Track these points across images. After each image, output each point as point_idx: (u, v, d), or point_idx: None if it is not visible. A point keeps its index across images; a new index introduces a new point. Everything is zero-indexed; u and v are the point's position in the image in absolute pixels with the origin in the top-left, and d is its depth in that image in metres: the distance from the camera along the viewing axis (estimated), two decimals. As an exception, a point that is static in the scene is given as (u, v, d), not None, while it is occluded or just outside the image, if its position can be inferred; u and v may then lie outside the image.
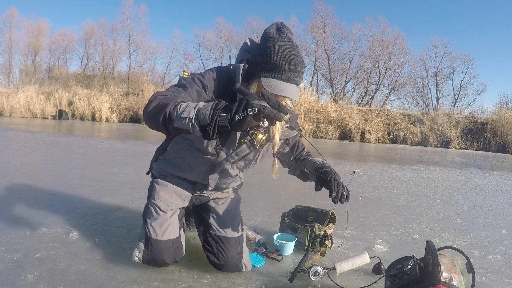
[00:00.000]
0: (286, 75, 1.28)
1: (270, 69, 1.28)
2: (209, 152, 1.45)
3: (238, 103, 1.00)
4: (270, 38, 1.31)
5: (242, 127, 1.00)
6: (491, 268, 1.83)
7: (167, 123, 1.10)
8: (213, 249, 1.52)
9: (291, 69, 1.28)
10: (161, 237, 1.47)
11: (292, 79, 1.29)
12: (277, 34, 1.32)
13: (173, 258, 1.50)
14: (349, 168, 5.34)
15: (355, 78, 24.50)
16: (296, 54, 1.30)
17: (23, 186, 2.89)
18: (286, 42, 1.30)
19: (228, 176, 1.57)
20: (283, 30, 1.34)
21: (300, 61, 1.30)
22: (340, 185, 1.40)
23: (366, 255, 1.66)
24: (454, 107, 23.17)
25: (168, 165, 1.59)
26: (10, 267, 1.47)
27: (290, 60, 1.27)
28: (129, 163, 4.43)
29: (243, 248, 1.57)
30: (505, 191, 4.31)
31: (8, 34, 25.56)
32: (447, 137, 13.12)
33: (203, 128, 1.02)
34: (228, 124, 1.00)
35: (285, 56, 1.27)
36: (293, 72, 1.28)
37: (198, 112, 1.04)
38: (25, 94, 15.87)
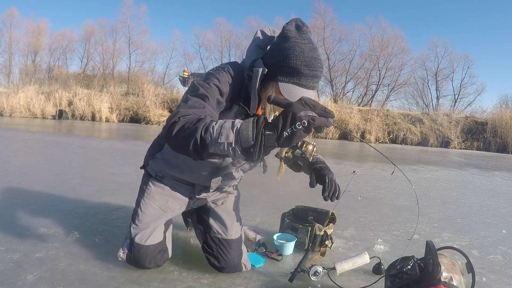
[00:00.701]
0: (305, 81, 1.19)
1: (289, 73, 1.18)
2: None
3: (283, 117, 0.89)
4: (289, 38, 1.20)
5: (292, 143, 0.89)
6: (491, 268, 1.83)
7: (200, 150, 0.97)
8: (214, 252, 1.51)
9: (311, 74, 1.19)
10: (145, 242, 1.44)
11: (311, 85, 1.21)
12: (297, 33, 1.21)
13: (155, 263, 1.48)
14: (349, 168, 5.34)
15: (355, 78, 24.50)
16: (316, 58, 1.20)
17: (23, 186, 2.89)
18: (307, 44, 1.20)
19: (231, 178, 1.53)
20: (303, 29, 1.22)
21: (320, 65, 1.21)
22: (333, 183, 1.40)
23: (366, 255, 1.66)
24: (454, 107, 23.18)
25: (166, 164, 1.50)
26: (10, 267, 1.47)
27: (311, 65, 1.18)
28: (129, 163, 4.43)
29: (242, 248, 1.57)
30: (505, 191, 4.31)
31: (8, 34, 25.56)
32: (447, 137, 13.11)
33: (246, 151, 0.92)
34: (276, 143, 0.90)
35: (306, 60, 1.17)
36: (312, 78, 1.20)
37: (238, 134, 0.92)
38: (25, 94, 15.85)
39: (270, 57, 1.23)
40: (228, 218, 1.58)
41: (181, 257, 1.66)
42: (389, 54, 23.59)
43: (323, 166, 1.48)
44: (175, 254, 1.67)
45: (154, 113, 14.74)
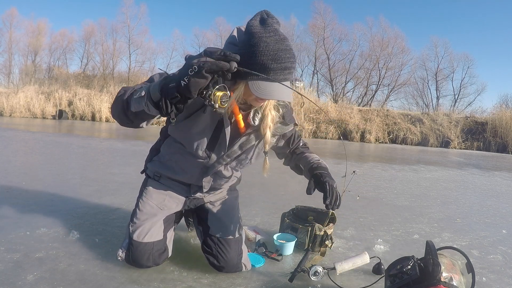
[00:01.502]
0: (275, 75, 1.12)
1: (256, 70, 1.11)
2: (199, 156, 1.41)
3: (179, 70, 0.96)
4: (253, 33, 1.13)
5: (191, 91, 0.92)
6: (491, 268, 1.83)
7: (126, 109, 1.11)
8: (213, 251, 1.51)
9: (280, 67, 1.12)
10: (142, 239, 1.46)
11: (282, 78, 1.14)
12: (261, 28, 1.14)
13: (154, 261, 1.48)
14: (349, 168, 5.34)
15: (355, 78, 24.51)
16: (284, 49, 1.13)
17: (23, 186, 2.89)
18: (272, 36, 1.12)
19: (222, 177, 1.54)
20: (268, 22, 1.15)
21: (289, 56, 1.14)
22: (334, 191, 1.37)
23: (366, 255, 1.66)
24: (454, 107, 23.20)
25: (162, 166, 1.56)
26: (10, 267, 1.47)
27: (277, 58, 1.11)
28: (129, 163, 4.43)
29: (242, 248, 1.57)
30: (505, 191, 4.31)
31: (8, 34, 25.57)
32: (447, 137, 13.12)
33: (157, 105, 0.99)
34: (177, 94, 0.94)
35: (272, 54, 1.11)
36: (282, 71, 1.13)
37: (149, 90, 1.02)
38: (25, 94, 15.85)
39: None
40: (227, 218, 1.58)
41: (181, 257, 1.66)
42: (389, 54, 23.62)
43: (323, 173, 1.46)
44: (175, 254, 1.67)
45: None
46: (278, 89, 1.15)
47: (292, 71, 1.17)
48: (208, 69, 0.91)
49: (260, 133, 1.40)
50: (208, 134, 1.37)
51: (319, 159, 1.56)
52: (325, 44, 24.41)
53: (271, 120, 1.38)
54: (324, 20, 24.49)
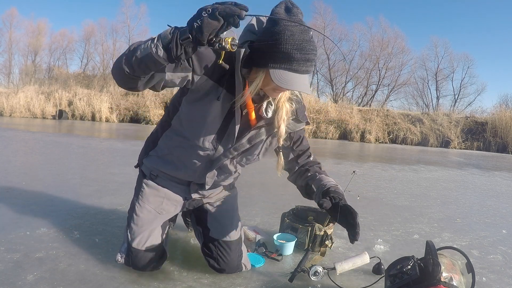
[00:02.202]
0: (298, 65, 1.10)
1: (280, 59, 1.09)
2: (205, 147, 1.32)
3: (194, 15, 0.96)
4: (278, 21, 1.11)
5: (203, 31, 0.93)
6: (491, 268, 1.83)
7: (131, 57, 1.02)
8: (213, 254, 1.50)
9: (304, 58, 1.09)
10: (142, 246, 1.43)
11: (304, 70, 1.11)
12: (286, 16, 1.12)
13: (154, 266, 1.47)
14: (349, 168, 5.33)
15: (355, 78, 24.52)
16: (308, 40, 1.10)
17: (23, 186, 2.89)
18: (297, 26, 1.09)
19: (227, 172, 1.45)
20: (293, 11, 1.13)
21: (313, 48, 1.11)
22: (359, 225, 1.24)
23: (366, 255, 1.66)
24: (454, 107, 23.17)
25: (160, 162, 1.46)
26: (10, 267, 1.47)
27: (302, 48, 1.08)
28: (129, 163, 4.43)
29: (242, 249, 1.56)
30: (505, 191, 4.31)
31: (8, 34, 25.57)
32: (447, 137, 13.11)
33: (166, 47, 0.97)
34: (190, 35, 0.95)
35: (297, 43, 1.08)
36: (305, 62, 1.10)
37: (160, 35, 1.00)
38: (25, 94, 15.84)
39: (259, 41, 1.14)
40: (226, 219, 1.56)
41: (181, 257, 1.66)
42: (389, 54, 23.61)
43: (347, 205, 1.33)
44: (175, 254, 1.68)
45: (154, 113, 14.73)
46: (300, 80, 1.12)
47: (314, 63, 1.14)
48: (221, 11, 0.92)
49: (273, 126, 1.32)
50: (217, 125, 1.28)
51: (336, 184, 1.42)
52: (325, 44, 24.41)
53: (286, 113, 1.31)
54: (324, 20, 24.52)
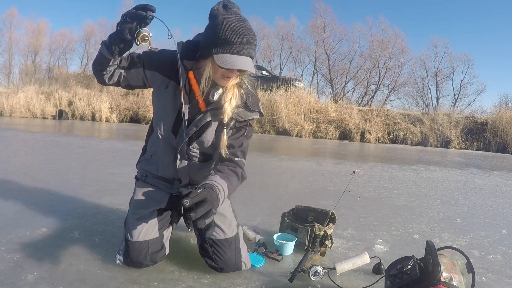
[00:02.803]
0: (237, 48, 1.26)
1: (221, 44, 1.26)
2: (167, 137, 1.47)
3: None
4: (217, 15, 1.29)
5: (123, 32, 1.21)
6: (491, 268, 1.83)
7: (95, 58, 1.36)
8: (210, 253, 1.52)
9: (242, 41, 1.26)
10: (137, 238, 1.49)
11: (244, 52, 1.27)
12: (224, 11, 1.30)
13: (151, 259, 1.50)
14: (349, 168, 5.33)
15: (355, 78, 24.52)
16: (245, 27, 1.28)
17: (23, 186, 2.89)
18: (234, 17, 1.28)
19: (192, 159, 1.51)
20: (230, 6, 1.31)
21: (250, 33, 1.28)
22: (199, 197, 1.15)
23: (366, 255, 1.66)
24: (454, 107, 23.18)
25: (148, 164, 1.61)
26: (10, 267, 1.47)
27: (240, 33, 1.25)
28: (129, 163, 4.42)
29: (240, 246, 1.56)
30: (505, 191, 4.31)
31: (8, 34, 25.59)
32: (447, 137, 13.10)
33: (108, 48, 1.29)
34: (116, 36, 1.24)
35: (234, 29, 1.25)
36: (244, 45, 1.26)
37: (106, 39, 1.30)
38: (25, 94, 15.83)
39: (203, 38, 1.33)
40: (218, 219, 1.55)
41: (181, 257, 1.66)
42: (389, 54, 23.62)
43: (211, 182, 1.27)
44: (175, 254, 1.68)
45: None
46: (242, 61, 1.27)
47: (253, 47, 1.30)
48: (131, 15, 1.19)
49: (219, 111, 1.39)
50: (173, 114, 1.44)
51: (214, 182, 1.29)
52: (325, 44, 24.43)
53: (233, 94, 1.40)
54: (324, 20, 24.52)
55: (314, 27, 24.62)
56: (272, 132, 12.87)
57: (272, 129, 12.99)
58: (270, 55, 26.17)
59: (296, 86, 14.03)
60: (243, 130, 1.48)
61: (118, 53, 1.29)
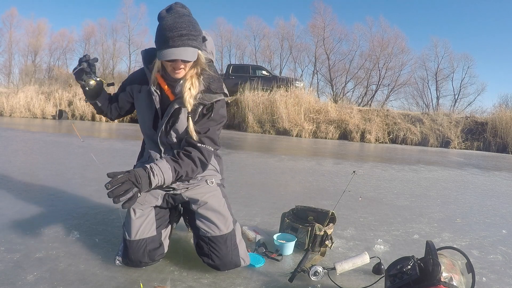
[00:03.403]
0: (173, 42, 1.33)
1: (160, 43, 1.36)
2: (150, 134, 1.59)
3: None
4: (160, 18, 1.39)
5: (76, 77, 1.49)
6: (491, 268, 1.83)
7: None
8: (205, 251, 1.52)
9: (177, 34, 1.32)
10: (134, 237, 1.51)
11: (180, 43, 1.33)
12: (166, 13, 1.38)
13: (149, 257, 1.51)
14: (349, 168, 5.34)
15: (355, 78, 24.52)
16: (181, 21, 1.34)
17: (23, 186, 2.89)
18: (172, 15, 1.35)
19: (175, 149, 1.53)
20: (172, 7, 1.39)
21: (185, 25, 1.34)
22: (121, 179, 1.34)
23: (366, 255, 1.66)
24: (454, 107, 23.18)
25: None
26: (10, 267, 1.47)
27: (174, 27, 1.33)
28: (129, 163, 4.41)
29: (237, 243, 1.56)
30: (505, 191, 4.31)
31: (8, 34, 25.60)
32: (447, 137, 13.10)
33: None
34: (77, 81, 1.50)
35: (170, 26, 1.33)
36: (179, 37, 1.33)
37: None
38: (25, 94, 15.82)
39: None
40: (213, 216, 1.56)
41: (181, 257, 1.66)
42: (389, 54, 23.63)
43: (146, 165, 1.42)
44: (175, 254, 1.68)
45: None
46: (177, 52, 1.34)
47: (190, 37, 1.35)
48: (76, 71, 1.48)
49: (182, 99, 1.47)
50: (150, 112, 1.56)
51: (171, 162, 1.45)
52: (325, 44, 24.43)
53: (192, 84, 1.47)
54: (324, 20, 24.52)
55: (314, 27, 24.64)
56: (272, 132, 12.86)
57: (272, 129, 12.99)
58: (270, 55, 26.19)
59: (296, 86, 14.01)
60: (208, 113, 1.53)
61: (94, 98, 1.58)
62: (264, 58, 26.13)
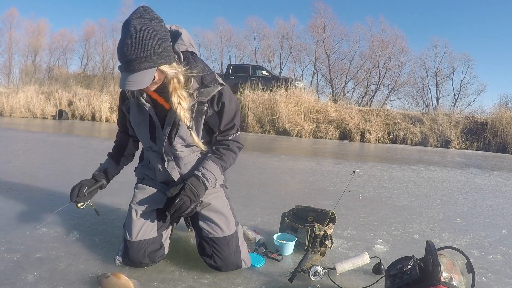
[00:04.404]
0: (122, 67, 1.27)
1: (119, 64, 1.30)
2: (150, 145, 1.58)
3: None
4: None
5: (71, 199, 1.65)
6: (491, 268, 1.83)
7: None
8: (208, 252, 1.52)
9: (123, 60, 1.25)
10: (135, 238, 1.50)
11: (129, 69, 1.25)
12: (122, 28, 1.27)
13: (150, 258, 1.51)
14: (349, 168, 5.34)
15: (355, 78, 24.52)
16: (128, 43, 1.22)
17: (23, 186, 2.89)
18: (123, 34, 1.24)
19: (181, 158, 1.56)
20: (128, 19, 1.26)
21: (132, 48, 1.22)
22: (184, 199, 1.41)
23: (366, 255, 1.66)
24: (454, 107, 23.16)
25: (145, 168, 1.70)
26: (10, 267, 1.47)
27: (120, 52, 1.24)
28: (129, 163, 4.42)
29: (239, 245, 1.56)
30: (505, 191, 4.31)
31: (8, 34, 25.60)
32: (447, 137, 13.10)
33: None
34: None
35: (119, 50, 1.25)
36: (126, 62, 1.24)
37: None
38: (25, 94, 15.82)
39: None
40: (216, 217, 1.56)
41: (181, 257, 1.66)
42: (389, 54, 23.63)
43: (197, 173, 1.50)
44: (175, 254, 1.68)
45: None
46: (128, 79, 1.26)
47: (140, 60, 1.24)
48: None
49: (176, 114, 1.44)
50: (145, 124, 1.54)
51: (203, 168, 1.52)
52: (325, 44, 24.44)
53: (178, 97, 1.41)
54: (324, 20, 24.52)
55: (314, 27, 24.65)
56: (272, 132, 12.86)
57: (272, 129, 12.99)
58: (270, 55, 26.20)
59: (296, 86, 14.02)
60: (221, 110, 1.51)
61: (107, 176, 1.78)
62: (264, 58, 26.16)
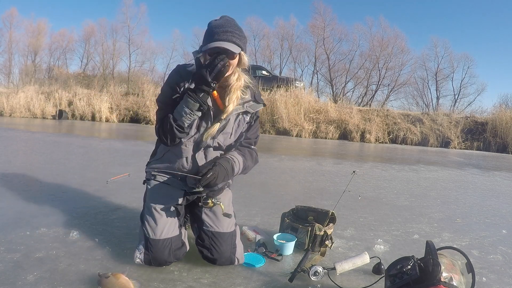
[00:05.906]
0: (218, 36, 1.40)
1: (207, 38, 1.42)
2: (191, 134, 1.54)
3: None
4: (208, 24, 1.47)
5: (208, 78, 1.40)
6: (491, 268, 1.83)
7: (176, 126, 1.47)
8: (206, 244, 1.55)
9: (222, 30, 1.40)
10: (159, 236, 1.51)
11: (224, 38, 1.40)
12: (214, 21, 1.47)
13: (174, 256, 1.53)
14: (349, 168, 5.34)
15: (355, 78, 24.51)
16: (228, 23, 1.43)
17: (23, 186, 2.89)
18: (221, 19, 1.46)
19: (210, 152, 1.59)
20: (222, 16, 1.48)
21: (231, 25, 1.43)
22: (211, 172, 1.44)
23: (366, 255, 1.66)
24: (454, 107, 23.15)
25: (159, 163, 1.65)
26: (10, 267, 1.47)
27: (220, 25, 1.42)
28: (129, 163, 4.43)
29: (236, 243, 1.60)
30: (505, 191, 4.31)
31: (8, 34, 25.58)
32: (447, 137, 13.10)
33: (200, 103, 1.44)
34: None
35: (217, 25, 1.43)
36: (224, 32, 1.40)
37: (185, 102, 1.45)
38: (25, 94, 15.83)
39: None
40: (219, 214, 1.60)
41: (181, 257, 1.66)
42: (389, 54, 23.60)
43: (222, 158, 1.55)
44: (175, 254, 1.67)
45: (154, 113, 14.71)
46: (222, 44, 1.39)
47: (235, 35, 1.42)
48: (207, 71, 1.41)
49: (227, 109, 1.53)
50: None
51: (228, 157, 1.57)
52: (325, 44, 24.40)
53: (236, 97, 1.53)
54: (324, 20, 24.48)
55: (314, 27, 24.61)
56: (272, 132, 12.86)
57: (272, 129, 12.99)
58: (270, 55, 26.16)
59: (296, 86, 14.02)
60: (255, 124, 1.68)
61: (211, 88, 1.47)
62: (264, 58, 26.12)
